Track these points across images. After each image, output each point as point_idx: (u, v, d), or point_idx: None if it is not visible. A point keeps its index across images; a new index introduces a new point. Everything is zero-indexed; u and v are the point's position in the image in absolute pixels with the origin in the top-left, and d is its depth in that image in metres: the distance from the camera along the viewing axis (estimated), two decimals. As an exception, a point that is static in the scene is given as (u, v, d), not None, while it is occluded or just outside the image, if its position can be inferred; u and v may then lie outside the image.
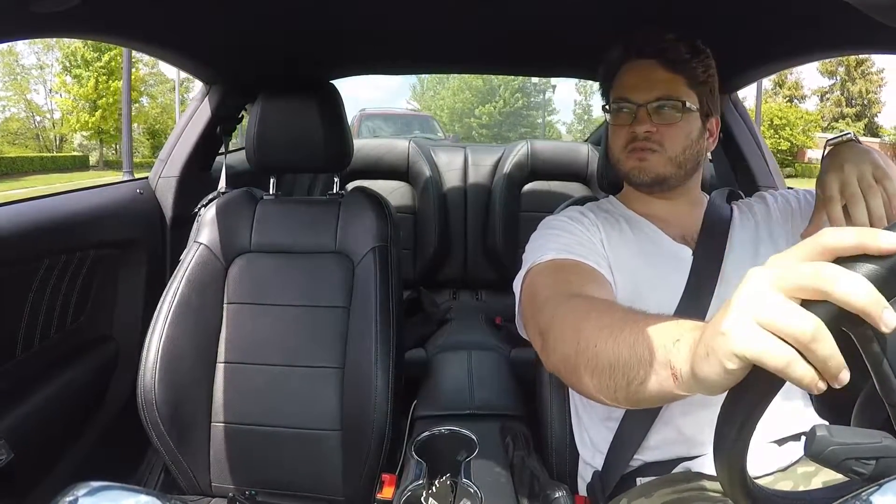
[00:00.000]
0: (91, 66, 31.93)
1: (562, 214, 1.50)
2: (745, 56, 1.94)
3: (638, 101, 1.40)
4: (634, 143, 1.42)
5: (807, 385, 0.60)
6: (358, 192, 1.97)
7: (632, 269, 1.38)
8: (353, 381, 1.73)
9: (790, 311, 0.60)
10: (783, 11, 1.53)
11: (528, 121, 50.45)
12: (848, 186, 1.18)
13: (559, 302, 1.13)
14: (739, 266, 1.37)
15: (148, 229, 2.18)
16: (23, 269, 1.67)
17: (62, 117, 36.00)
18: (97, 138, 34.26)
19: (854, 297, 0.57)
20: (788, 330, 0.59)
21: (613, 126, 1.48)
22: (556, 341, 1.06)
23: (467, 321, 3.01)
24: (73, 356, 1.89)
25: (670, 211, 1.50)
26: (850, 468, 0.68)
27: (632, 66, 1.45)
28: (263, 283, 1.86)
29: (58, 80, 34.36)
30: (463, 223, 3.49)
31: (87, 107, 32.83)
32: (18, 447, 1.54)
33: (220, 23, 1.76)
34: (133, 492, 0.74)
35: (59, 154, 34.37)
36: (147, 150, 35.23)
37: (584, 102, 53.61)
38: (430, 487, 1.37)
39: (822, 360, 0.59)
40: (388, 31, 2.03)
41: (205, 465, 1.78)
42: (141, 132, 35.71)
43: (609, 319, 0.95)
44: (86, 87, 32.05)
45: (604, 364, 0.90)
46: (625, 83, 1.45)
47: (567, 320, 1.05)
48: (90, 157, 35.09)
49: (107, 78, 32.17)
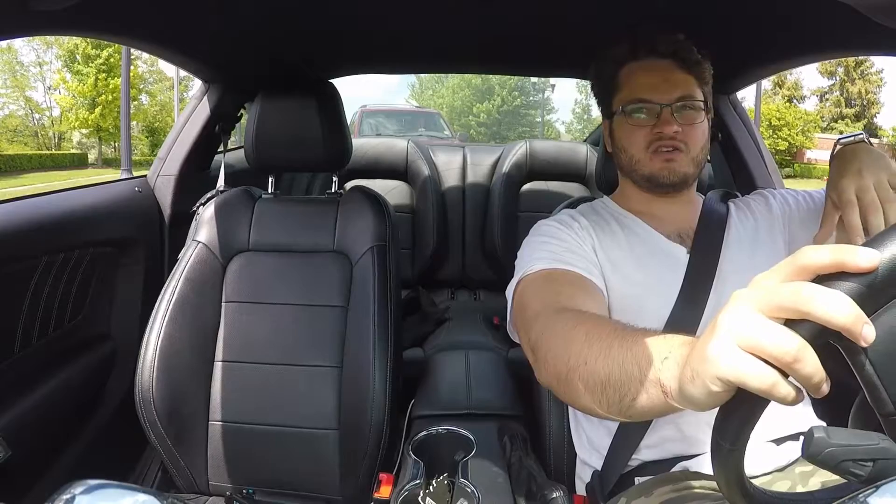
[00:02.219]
0: (92, 62, 31.87)
1: (552, 220, 1.50)
2: (745, 57, 1.94)
3: (661, 100, 1.39)
4: (661, 143, 1.40)
5: (790, 403, 0.62)
6: (357, 191, 1.97)
7: (626, 272, 1.38)
8: (351, 380, 1.74)
9: (772, 333, 0.61)
10: (783, 12, 1.53)
11: (526, 120, 50.55)
12: (866, 193, 1.16)
13: (548, 317, 1.13)
14: (736, 263, 1.38)
15: (146, 228, 2.18)
16: (21, 267, 1.67)
17: (61, 114, 35.95)
18: (96, 136, 34.21)
19: (834, 316, 0.58)
20: (770, 351, 0.60)
21: (631, 126, 1.44)
22: (547, 358, 1.07)
23: (465, 321, 3.01)
24: (71, 354, 1.89)
25: (668, 210, 1.49)
26: (848, 470, 0.68)
27: (645, 66, 1.45)
28: (262, 281, 1.86)
29: (58, 76, 34.32)
30: (461, 223, 3.49)
31: (87, 104, 32.77)
32: (16, 445, 1.54)
33: (220, 22, 1.76)
34: (130, 490, 0.74)
35: (58, 152, 34.35)
36: (146, 148, 35.18)
37: (583, 102, 53.68)
38: (427, 487, 1.37)
39: (805, 378, 0.60)
40: (388, 32, 2.03)
41: (202, 463, 1.78)
42: (139, 130, 35.63)
43: (598, 336, 0.95)
44: (85, 84, 32.00)
45: (595, 381, 0.91)
46: (642, 82, 1.43)
47: (556, 337, 1.06)
48: (89, 155, 35.05)
49: (106, 75, 32.08)
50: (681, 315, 1.31)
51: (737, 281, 1.34)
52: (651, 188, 1.47)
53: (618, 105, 1.47)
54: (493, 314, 3.00)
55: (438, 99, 51.53)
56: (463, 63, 2.95)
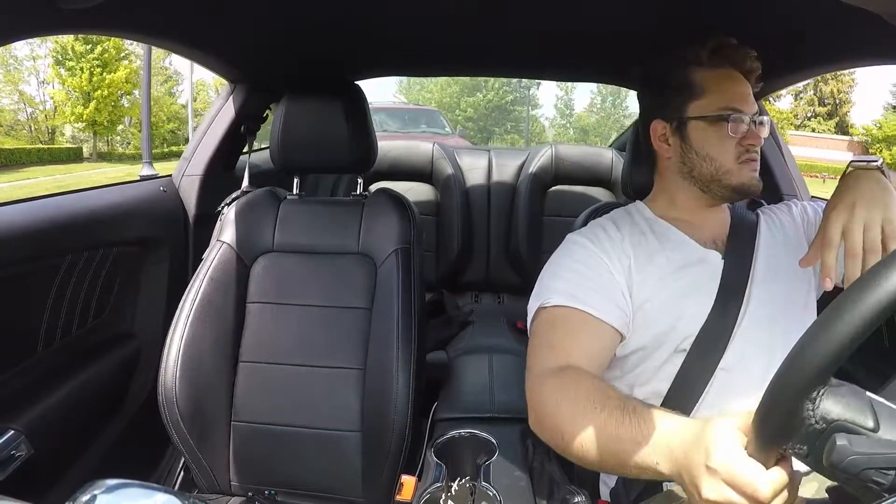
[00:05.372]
0: (84, 58, 32.00)
1: (585, 236, 1.47)
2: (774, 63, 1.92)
3: (749, 112, 1.39)
4: (749, 155, 1.40)
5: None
6: (381, 193, 1.96)
7: (665, 281, 1.37)
8: (374, 382, 1.73)
9: (752, 475, 0.79)
10: (812, 19, 1.52)
11: (513, 115, 50.89)
12: (850, 235, 1.14)
13: (553, 384, 1.21)
14: (768, 270, 1.39)
15: (171, 227, 2.19)
16: (45, 266, 1.68)
17: (56, 108, 36.08)
18: (91, 130, 34.22)
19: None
20: (749, 491, 0.79)
21: (723, 136, 1.41)
22: (546, 424, 1.19)
23: (489, 324, 3.01)
24: (95, 353, 1.90)
25: (708, 217, 1.49)
26: (870, 478, 0.68)
27: (727, 76, 1.43)
28: (286, 282, 1.86)
29: (52, 71, 34.45)
30: (486, 226, 3.49)
31: (81, 98, 32.95)
32: (39, 443, 1.55)
33: (249, 23, 1.76)
34: (151, 489, 0.74)
35: (55, 146, 34.28)
36: (138, 142, 34.98)
37: (565, 97, 54.83)
38: (449, 490, 1.36)
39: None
40: (417, 34, 2.02)
41: (224, 464, 1.78)
42: (132, 124, 35.57)
43: (595, 418, 1.07)
44: (79, 79, 32.15)
45: (592, 457, 1.07)
46: (733, 91, 1.42)
47: (558, 409, 1.15)
48: (83, 149, 35.20)
49: (101, 70, 32.17)
50: (716, 320, 1.31)
51: (768, 287, 1.37)
52: (734, 197, 1.46)
53: (701, 110, 1.43)
54: (517, 318, 2.99)
55: (427, 94, 51.64)
56: (491, 66, 2.94)
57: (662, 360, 1.33)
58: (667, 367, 1.32)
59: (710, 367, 1.28)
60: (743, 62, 1.43)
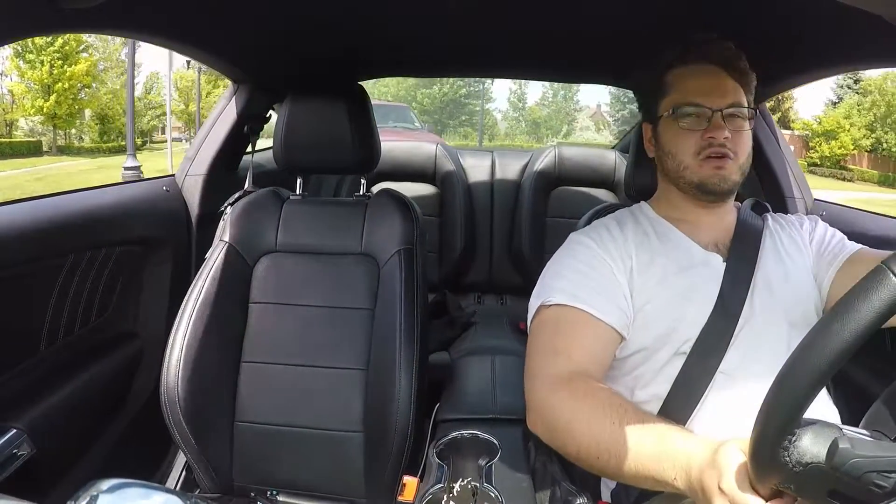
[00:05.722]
0: (44, 51, 31.63)
1: (589, 235, 1.47)
2: (774, 65, 1.91)
3: (712, 105, 1.37)
4: (711, 150, 1.37)
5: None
6: (384, 194, 1.96)
7: (666, 282, 1.37)
8: (377, 382, 1.73)
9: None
10: (812, 20, 1.51)
11: (467, 108, 51.00)
12: None
13: (565, 395, 1.21)
14: (771, 275, 1.38)
15: (174, 227, 2.19)
16: (48, 265, 1.68)
17: (15, 101, 35.66)
18: (50, 123, 33.70)
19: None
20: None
21: (682, 131, 1.41)
22: (558, 435, 1.21)
23: (492, 325, 3.01)
24: (97, 353, 1.90)
25: (706, 219, 1.47)
26: (871, 481, 0.68)
27: (696, 71, 1.43)
28: (288, 283, 1.86)
29: (10, 63, 34.08)
30: (489, 227, 3.49)
31: (41, 91, 32.65)
32: (41, 442, 1.55)
33: (251, 22, 1.77)
34: (153, 489, 0.74)
35: (15, 140, 33.67)
36: (95, 135, 34.97)
37: (518, 91, 54.68)
38: (451, 491, 1.36)
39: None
40: (420, 34, 2.02)
41: (227, 464, 1.78)
42: (90, 117, 35.07)
43: (613, 433, 1.09)
44: (40, 71, 31.84)
45: (610, 471, 1.11)
46: (693, 87, 1.41)
47: (574, 421, 1.16)
48: (42, 142, 34.88)
49: (62, 62, 31.74)
50: (716, 324, 1.30)
51: (770, 293, 1.36)
52: (698, 195, 1.44)
53: (666, 108, 1.44)
54: (520, 319, 2.98)
55: (383, 87, 51.79)
56: (494, 67, 2.94)
57: (662, 362, 1.32)
58: (667, 369, 1.32)
59: (711, 370, 1.28)
60: (717, 54, 1.42)
